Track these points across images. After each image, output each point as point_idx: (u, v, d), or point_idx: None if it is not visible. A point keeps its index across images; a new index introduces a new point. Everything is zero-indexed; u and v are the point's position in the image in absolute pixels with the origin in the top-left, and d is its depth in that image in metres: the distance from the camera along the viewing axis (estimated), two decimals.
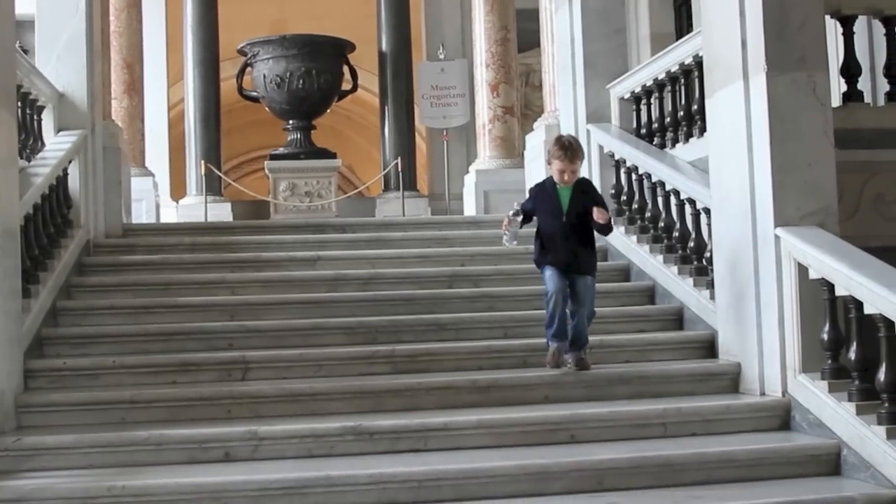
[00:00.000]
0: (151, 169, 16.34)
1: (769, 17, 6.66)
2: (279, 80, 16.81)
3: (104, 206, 9.80)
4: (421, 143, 20.60)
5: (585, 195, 7.24)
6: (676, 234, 8.47)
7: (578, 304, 7.06)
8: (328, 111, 18.24)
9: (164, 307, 8.14)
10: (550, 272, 7.09)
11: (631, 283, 8.86)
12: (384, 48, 18.52)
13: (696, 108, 8.72)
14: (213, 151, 17.87)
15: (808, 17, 6.70)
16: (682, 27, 13.87)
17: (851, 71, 8.05)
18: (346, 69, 17.46)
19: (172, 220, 16.23)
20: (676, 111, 9.16)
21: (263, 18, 22.08)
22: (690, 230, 8.25)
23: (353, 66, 17.60)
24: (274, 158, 17.04)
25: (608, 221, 7.17)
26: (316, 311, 8.11)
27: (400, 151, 18.03)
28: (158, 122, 18.53)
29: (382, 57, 18.57)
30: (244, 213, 17.13)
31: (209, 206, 16.51)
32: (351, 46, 17.40)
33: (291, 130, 17.29)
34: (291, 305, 8.20)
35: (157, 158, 17.79)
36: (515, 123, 16.05)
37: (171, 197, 18.34)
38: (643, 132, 9.69)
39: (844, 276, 5.95)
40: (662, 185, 8.70)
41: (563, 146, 7.18)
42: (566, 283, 7.06)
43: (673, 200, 8.55)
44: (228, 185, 19.05)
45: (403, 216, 15.29)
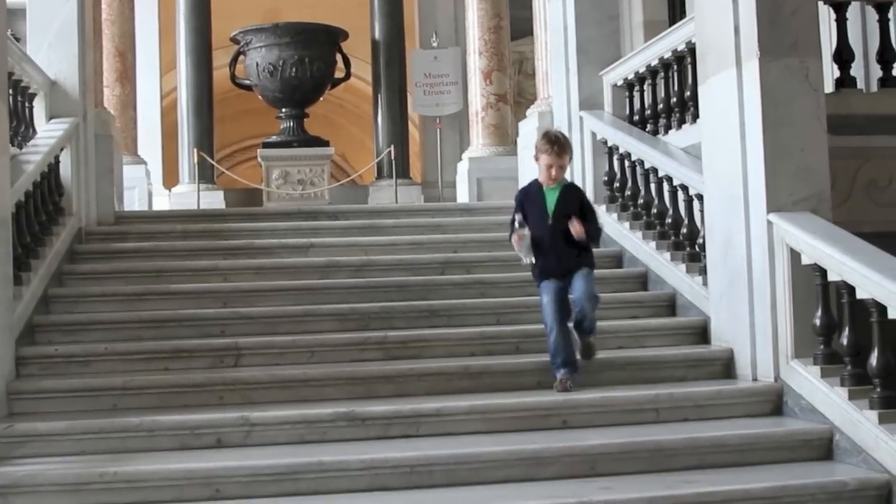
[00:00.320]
0: (144, 157, 16.29)
1: (762, 3, 6.63)
2: (272, 68, 16.80)
3: (96, 193, 9.79)
4: (414, 131, 20.59)
5: (572, 197, 6.95)
6: (669, 220, 8.46)
7: (577, 293, 6.73)
8: (321, 99, 18.22)
9: (156, 294, 8.12)
10: (547, 297, 6.72)
11: (623, 269, 8.85)
12: (377, 36, 18.51)
13: (688, 94, 8.72)
14: (205, 139, 17.87)
15: (800, 3, 6.68)
16: (675, 14, 13.86)
17: (844, 57, 8.05)
18: (339, 57, 17.45)
19: (165, 208, 16.18)
20: (669, 98, 9.14)
21: (256, 7, 22.04)
22: (683, 216, 8.24)
23: (346, 54, 17.58)
24: (267, 146, 17.03)
25: (587, 235, 6.77)
26: (308, 297, 8.10)
27: (393, 139, 18.03)
28: (151, 110, 18.52)
29: (375, 45, 18.57)
30: (237, 201, 17.13)
31: (202, 194, 16.51)
32: (344, 34, 17.38)
33: (284, 118, 17.29)
34: (284, 292, 8.19)
35: (149, 147, 17.78)
36: (508, 111, 16.04)
37: (163, 185, 18.31)
38: (636, 119, 9.68)
39: (837, 261, 5.94)
40: (655, 171, 8.70)
41: (550, 140, 6.92)
42: (565, 300, 6.73)
43: (666, 187, 8.55)
44: (221, 173, 19.03)
45: (396, 204, 15.27)
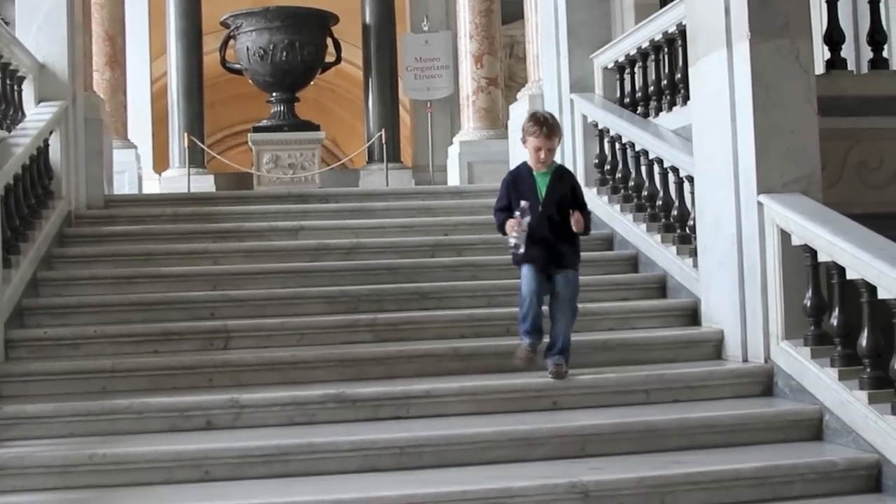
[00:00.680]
0: (134, 142, 16.25)
1: None
2: (262, 52, 16.79)
3: (86, 177, 9.73)
4: (405, 115, 20.55)
5: (563, 181, 6.68)
6: (660, 202, 8.45)
7: (558, 301, 6.51)
8: (312, 84, 18.20)
9: (145, 277, 8.09)
10: (528, 272, 6.51)
11: (614, 251, 8.83)
12: (368, 20, 18.45)
13: (679, 76, 8.69)
14: (195, 124, 17.82)
15: None
16: None
17: (835, 38, 8.03)
18: (329, 41, 17.41)
19: (155, 192, 16.15)
20: (660, 80, 9.12)
21: None
22: (674, 198, 8.23)
23: (336, 38, 17.55)
24: (257, 131, 17.01)
25: (586, 228, 6.61)
26: (298, 280, 8.08)
27: (384, 124, 18.00)
28: (141, 94, 18.43)
29: (366, 29, 18.51)
30: (227, 185, 17.08)
31: (192, 178, 16.48)
32: (334, 19, 17.36)
33: (275, 103, 17.27)
34: (273, 275, 8.17)
35: (139, 131, 17.71)
36: (499, 94, 15.99)
37: (153, 170, 18.25)
38: (627, 102, 9.65)
39: (827, 241, 5.94)
40: (646, 153, 8.68)
41: (538, 121, 6.63)
42: (544, 282, 6.52)
43: (656, 169, 8.53)
44: (212, 158, 18.99)
45: (387, 187, 15.25)
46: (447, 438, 5.67)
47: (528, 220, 6.40)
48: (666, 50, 9.00)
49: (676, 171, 8.12)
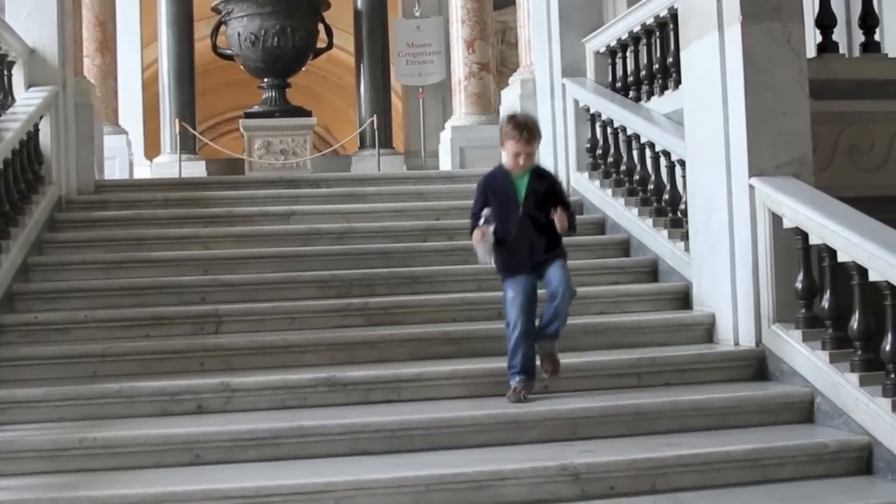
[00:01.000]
0: (125, 128, 16.21)
1: None
2: (254, 37, 16.74)
3: (76, 162, 9.70)
4: (397, 101, 20.51)
5: (543, 182, 6.25)
6: (651, 186, 8.43)
7: (553, 288, 6.08)
8: (303, 70, 18.15)
9: (136, 262, 8.07)
10: (513, 292, 6.07)
11: (606, 236, 8.82)
12: (359, 6, 18.44)
13: (671, 60, 8.67)
14: (187, 110, 17.80)
15: None
16: None
17: (826, 22, 8.01)
18: (321, 27, 17.37)
19: (146, 178, 16.11)
20: (652, 64, 9.10)
21: None
22: (665, 183, 8.22)
23: (328, 23, 17.51)
24: (249, 116, 16.98)
25: (570, 226, 6.15)
26: (289, 265, 8.05)
27: (376, 109, 17.98)
28: (132, 81, 18.39)
29: (358, 15, 18.48)
30: (219, 171, 17.08)
31: (183, 164, 16.46)
32: (326, 4, 17.33)
33: (266, 88, 17.23)
34: (265, 259, 8.15)
35: (130, 118, 17.68)
36: (491, 80, 15.98)
37: (144, 156, 18.22)
38: (618, 86, 9.62)
39: (818, 224, 5.93)
40: (637, 138, 8.66)
41: (518, 125, 6.17)
42: (534, 297, 6.12)
43: (648, 153, 8.51)
44: (204, 145, 18.96)
45: (378, 172, 15.23)
46: (438, 421, 5.66)
47: (492, 228, 6.03)
48: (658, 34, 8.98)
49: (668, 154, 8.11)
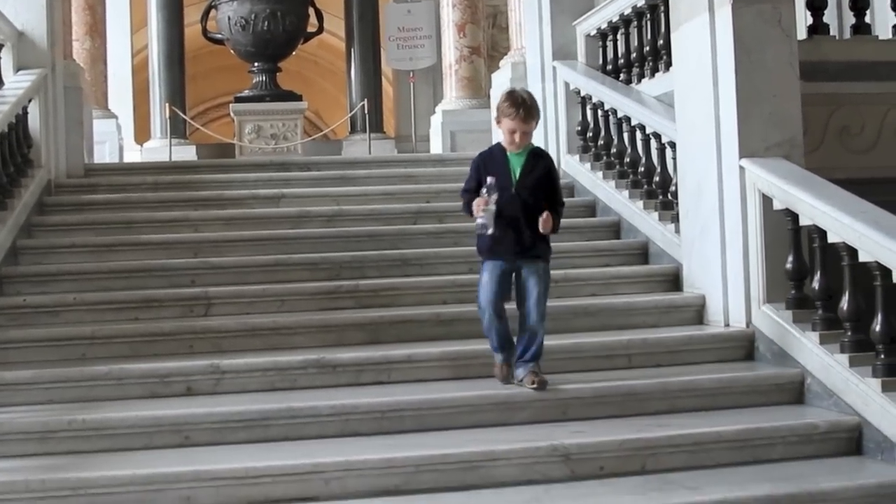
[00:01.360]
0: (115, 112, 16.16)
1: None
2: (244, 21, 16.68)
3: (65, 145, 9.67)
4: (388, 86, 20.50)
5: (540, 163, 5.97)
6: (642, 168, 8.42)
7: (526, 300, 5.84)
8: (294, 56, 18.12)
9: (126, 245, 8.04)
10: (489, 274, 5.86)
11: (596, 218, 8.81)
12: None
13: (661, 42, 8.66)
14: (177, 95, 17.78)
15: None
16: None
17: (817, 4, 7.98)
18: (311, 11, 17.32)
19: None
20: (642, 46, 9.09)
21: None
22: (656, 165, 8.21)
23: (318, 8, 17.46)
24: (239, 101, 16.95)
25: (554, 228, 5.88)
26: (279, 247, 8.02)
27: (366, 94, 17.98)
28: (122, 65, 18.36)
29: None
30: (209, 156, 17.06)
31: (174, 149, 16.44)
32: None
33: (257, 73, 17.19)
34: (255, 242, 8.12)
35: (120, 103, 17.65)
36: (482, 64, 15.95)
37: (135, 141, 18.18)
38: (609, 69, 9.62)
39: (809, 205, 5.93)
40: (628, 120, 8.64)
41: (515, 102, 5.86)
42: (506, 285, 5.87)
43: (639, 135, 8.50)
44: (195, 130, 18.93)
45: (369, 155, 15.21)
46: (428, 403, 5.66)
47: (495, 197, 5.74)
48: (648, 16, 8.97)
49: (659, 137, 8.10)
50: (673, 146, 7.69)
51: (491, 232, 5.78)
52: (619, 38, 9.53)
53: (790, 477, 5.07)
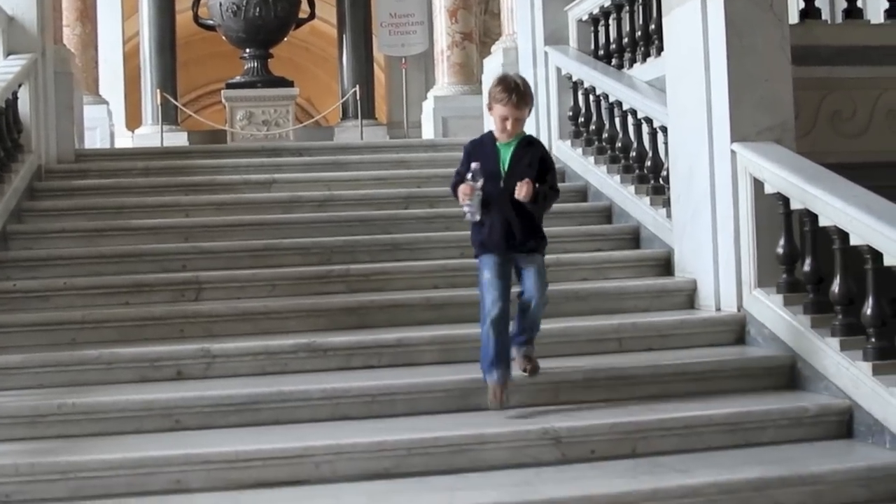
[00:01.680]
0: (106, 98, 16.11)
1: None
2: (235, 7, 16.66)
3: (56, 130, 9.64)
4: (379, 72, 20.45)
5: (531, 152, 5.67)
6: (633, 153, 8.41)
7: (528, 291, 5.66)
8: (286, 42, 18.09)
9: (116, 230, 8.02)
10: (489, 272, 5.53)
11: (588, 203, 8.80)
12: None
13: (653, 27, 8.65)
14: (168, 82, 17.74)
15: None
16: None
17: None
18: None
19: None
20: (634, 31, 9.08)
21: None
22: (647, 149, 8.20)
23: None
24: (230, 87, 16.92)
25: (534, 199, 5.52)
26: (271, 232, 8.01)
27: (358, 80, 17.95)
28: (113, 52, 18.31)
29: None
30: (201, 142, 16.92)
31: (165, 135, 16.39)
32: None
33: (248, 59, 17.17)
34: (246, 227, 8.10)
35: (112, 89, 17.60)
36: (474, 50, 15.90)
37: (126, 127, 18.14)
38: (601, 54, 9.61)
39: (800, 189, 5.92)
40: (620, 105, 8.63)
41: (508, 87, 5.58)
42: (509, 285, 5.56)
43: (630, 120, 8.49)
44: (187, 117, 18.89)
45: (361, 140, 15.19)
46: (419, 386, 5.66)
47: (481, 182, 5.48)
48: (640, 1, 8.95)
49: (650, 121, 8.08)
50: (664, 131, 7.68)
51: (478, 218, 5.55)
52: (610, 22, 9.52)
53: (781, 460, 5.07)
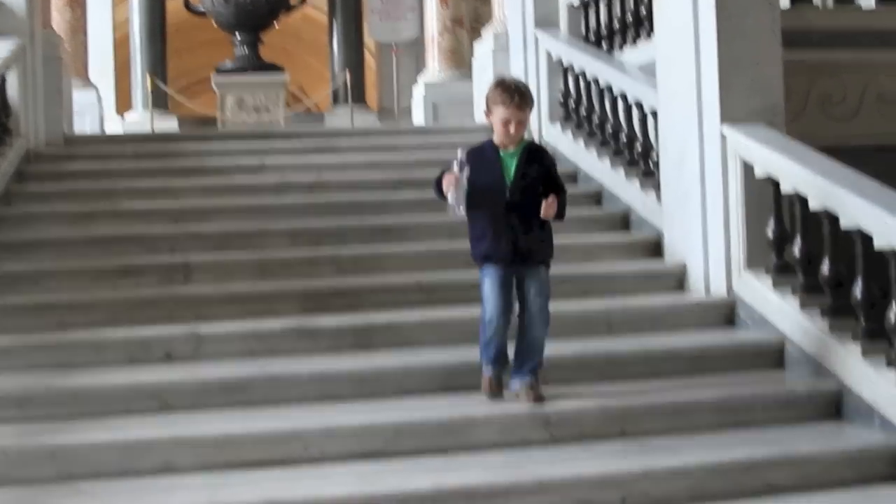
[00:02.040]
0: (96, 84, 16.07)
1: None
2: None
3: (44, 115, 9.58)
4: (370, 59, 20.42)
5: (537, 161, 5.46)
6: (624, 137, 8.39)
7: (529, 309, 5.43)
8: (278, 29, 18.03)
9: (105, 214, 7.99)
10: (491, 282, 5.35)
11: (578, 187, 8.78)
12: None
13: (644, 11, 8.63)
14: (158, 68, 17.73)
15: None
16: None
17: None
18: None
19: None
20: (625, 14, 9.07)
21: None
22: (637, 133, 8.18)
23: None
24: (221, 73, 16.85)
25: (559, 214, 5.43)
26: (260, 216, 7.98)
27: (349, 66, 17.96)
28: (102, 37, 18.27)
29: None
30: (192, 127, 16.96)
31: (155, 120, 16.35)
32: None
33: (238, 45, 17.11)
34: (235, 211, 8.07)
35: (101, 74, 17.57)
36: (465, 35, 15.89)
37: (116, 113, 18.09)
38: (592, 37, 9.60)
39: (790, 172, 5.93)
40: (610, 89, 8.60)
41: (508, 89, 5.38)
42: (511, 294, 5.41)
43: (620, 104, 8.46)
44: (179, 105, 18.85)
45: (351, 126, 15.18)
46: (409, 368, 5.67)
47: (467, 172, 5.25)
48: None
49: (640, 105, 8.06)
50: (655, 114, 7.67)
51: (463, 213, 5.32)
52: (601, 6, 9.52)
53: (770, 441, 5.08)
